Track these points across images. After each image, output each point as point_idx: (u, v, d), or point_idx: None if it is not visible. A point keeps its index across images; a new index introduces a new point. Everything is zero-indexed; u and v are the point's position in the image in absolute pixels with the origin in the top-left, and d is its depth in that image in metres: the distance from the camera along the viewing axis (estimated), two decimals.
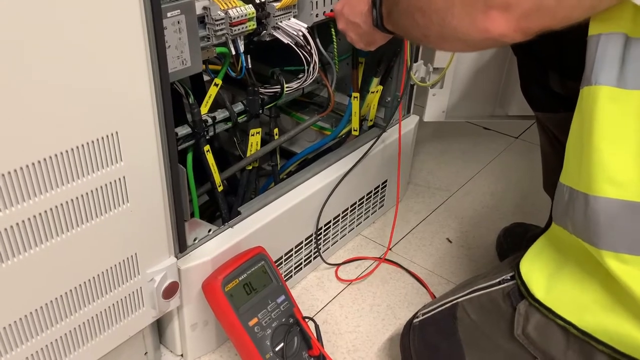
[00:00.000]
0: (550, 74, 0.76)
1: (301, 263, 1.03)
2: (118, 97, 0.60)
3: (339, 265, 1.09)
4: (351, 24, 0.78)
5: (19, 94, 0.51)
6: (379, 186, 1.17)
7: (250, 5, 0.77)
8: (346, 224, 1.12)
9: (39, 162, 0.55)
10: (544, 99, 0.81)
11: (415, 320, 0.77)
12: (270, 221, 0.90)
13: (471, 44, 0.57)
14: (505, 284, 0.66)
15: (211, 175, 0.86)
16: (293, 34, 0.83)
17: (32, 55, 0.51)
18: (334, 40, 0.93)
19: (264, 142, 0.96)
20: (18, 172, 0.54)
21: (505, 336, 0.64)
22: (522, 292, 0.62)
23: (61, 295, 0.63)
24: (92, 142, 0.59)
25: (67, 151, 0.57)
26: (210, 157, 0.84)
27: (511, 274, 0.66)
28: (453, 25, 0.55)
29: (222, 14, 0.73)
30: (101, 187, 0.62)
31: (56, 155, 0.56)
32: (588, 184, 0.54)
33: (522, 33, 0.52)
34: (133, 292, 0.72)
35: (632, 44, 0.50)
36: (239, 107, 0.89)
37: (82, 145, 0.58)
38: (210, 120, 0.84)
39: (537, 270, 0.62)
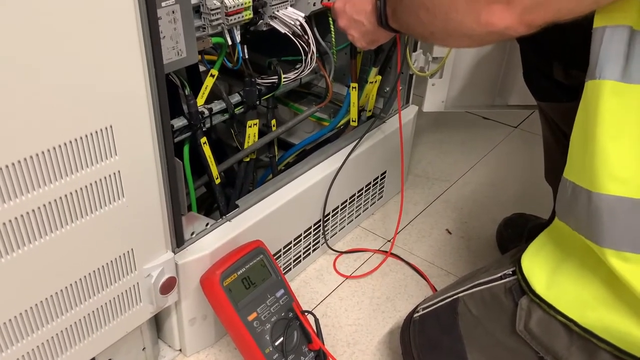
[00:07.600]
0: (554, 63, 0.75)
1: (300, 256, 1.02)
2: (112, 89, 0.58)
3: (341, 252, 1.09)
4: (354, 22, 0.76)
5: (8, 87, 0.50)
6: (378, 177, 1.16)
7: None
8: (345, 216, 1.11)
9: (31, 157, 0.54)
10: (547, 88, 0.80)
11: (415, 315, 0.76)
12: (269, 214, 0.89)
13: (476, 38, 0.57)
14: (507, 279, 0.65)
15: (208, 168, 0.85)
16: (290, 23, 0.82)
17: (23, 48, 0.49)
18: (332, 29, 0.92)
19: (261, 134, 0.94)
20: (10, 168, 0.52)
21: (506, 331, 0.63)
22: (523, 287, 0.61)
23: (56, 293, 0.62)
24: (86, 136, 0.58)
25: (59, 146, 0.56)
26: (207, 149, 0.83)
27: (513, 269, 0.65)
28: (458, 21, 0.55)
29: (218, 3, 0.71)
30: (95, 182, 0.61)
31: (48, 151, 0.55)
32: (591, 180, 0.53)
33: (526, 26, 0.52)
34: (130, 288, 0.71)
35: (637, 37, 0.49)
36: (235, 98, 0.88)
37: (75, 140, 0.57)
38: (206, 112, 0.83)
39: (538, 266, 0.61)
